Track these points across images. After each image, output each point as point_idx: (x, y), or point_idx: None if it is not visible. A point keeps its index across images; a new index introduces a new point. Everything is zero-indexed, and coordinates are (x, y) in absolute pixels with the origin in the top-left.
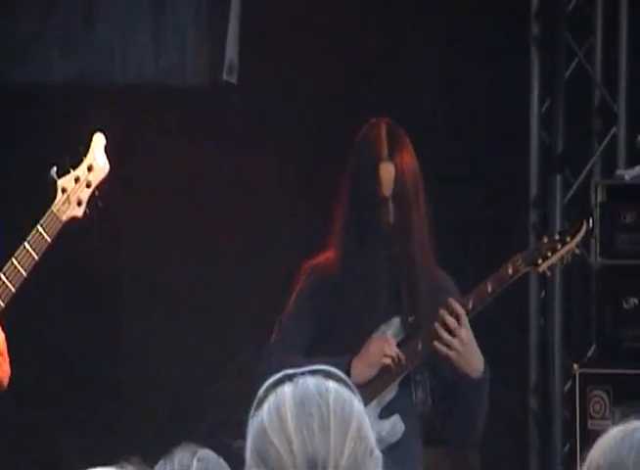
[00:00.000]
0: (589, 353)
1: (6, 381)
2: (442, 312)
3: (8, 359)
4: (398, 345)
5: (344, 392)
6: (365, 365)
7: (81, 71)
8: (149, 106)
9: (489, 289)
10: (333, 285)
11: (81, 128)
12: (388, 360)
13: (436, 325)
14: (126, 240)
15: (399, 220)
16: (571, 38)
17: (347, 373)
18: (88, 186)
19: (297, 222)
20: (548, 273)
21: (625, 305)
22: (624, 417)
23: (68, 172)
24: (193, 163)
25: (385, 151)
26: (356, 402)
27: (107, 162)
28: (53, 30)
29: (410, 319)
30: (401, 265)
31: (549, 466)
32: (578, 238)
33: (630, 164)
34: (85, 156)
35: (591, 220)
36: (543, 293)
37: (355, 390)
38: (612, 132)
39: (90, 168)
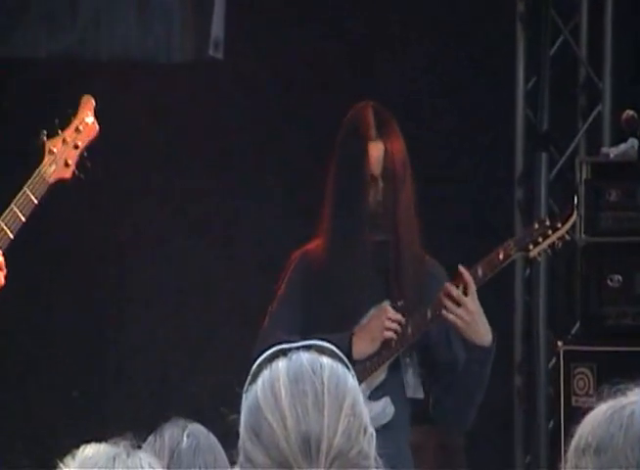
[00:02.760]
0: (573, 331)
1: None
2: (448, 286)
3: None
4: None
5: (339, 368)
6: (368, 340)
7: (67, 47)
8: (134, 82)
9: (480, 273)
10: (321, 271)
11: (65, 104)
12: (390, 333)
13: (441, 296)
14: (126, 215)
15: (388, 199)
16: (557, 16)
17: (350, 349)
18: (76, 147)
19: (281, 198)
20: (538, 258)
21: (610, 283)
22: (609, 394)
23: (56, 136)
24: (179, 138)
25: (373, 131)
26: (350, 379)
27: (95, 122)
28: (39, 7)
29: (399, 303)
30: (389, 249)
31: (533, 443)
32: (569, 224)
33: (615, 142)
34: (75, 117)
35: (576, 198)
36: (528, 271)
37: (350, 365)
38: (597, 110)
39: (77, 130)
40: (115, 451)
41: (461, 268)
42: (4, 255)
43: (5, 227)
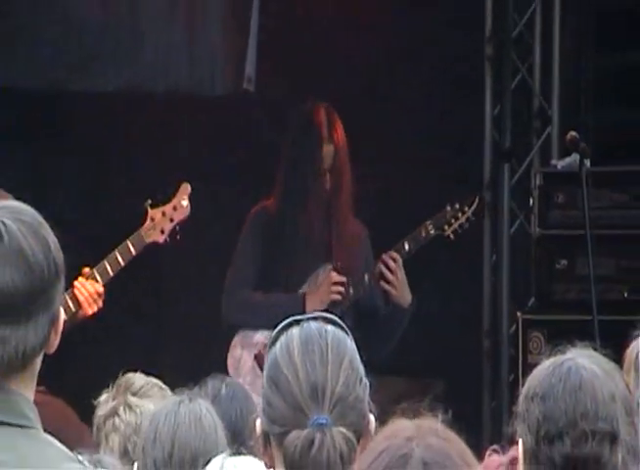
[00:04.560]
0: (529, 304)
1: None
2: (384, 257)
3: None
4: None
5: (340, 333)
6: (317, 301)
7: (130, 82)
8: (184, 111)
9: (407, 247)
10: (272, 226)
11: (130, 127)
12: (336, 295)
13: (380, 266)
14: None
15: (333, 187)
16: (516, 57)
17: (303, 307)
18: (171, 221)
19: None
20: (452, 236)
21: (557, 266)
22: (553, 353)
23: (158, 207)
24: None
25: (325, 134)
26: (349, 341)
27: (189, 206)
28: (108, 49)
29: (339, 265)
30: (330, 218)
31: (498, 391)
32: (473, 208)
33: (561, 156)
34: (174, 197)
35: (531, 199)
36: (494, 256)
37: (349, 331)
38: (547, 131)
39: (175, 208)
40: (180, 398)
41: (390, 252)
42: (104, 286)
43: (108, 267)
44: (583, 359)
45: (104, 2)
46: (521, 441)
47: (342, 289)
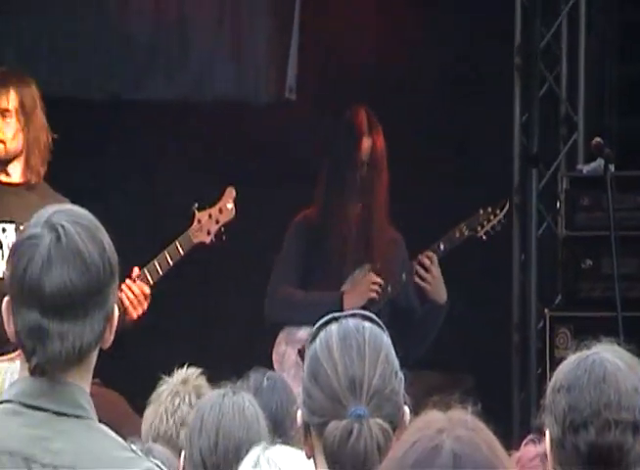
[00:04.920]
0: (556, 301)
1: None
2: (421, 256)
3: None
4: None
5: (376, 329)
6: (357, 298)
7: (179, 92)
8: (230, 119)
9: (442, 248)
10: (314, 232)
11: (179, 134)
12: (374, 294)
13: (415, 264)
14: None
15: (368, 182)
16: (544, 67)
17: (342, 305)
18: (217, 222)
19: None
20: (484, 237)
21: (583, 265)
22: (579, 348)
23: (204, 210)
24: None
25: (365, 128)
26: (385, 337)
27: (234, 208)
28: (159, 62)
29: (378, 266)
30: (368, 223)
31: (526, 384)
32: (504, 211)
33: (587, 161)
34: (219, 201)
35: (558, 202)
36: (523, 256)
37: (384, 327)
38: (573, 138)
39: (221, 211)
40: (225, 391)
41: (427, 252)
42: (153, 286)
43: (158, 266)
44: (607, 354)
45: (155, 20)
46: (548, 431)
47: (378, 288)
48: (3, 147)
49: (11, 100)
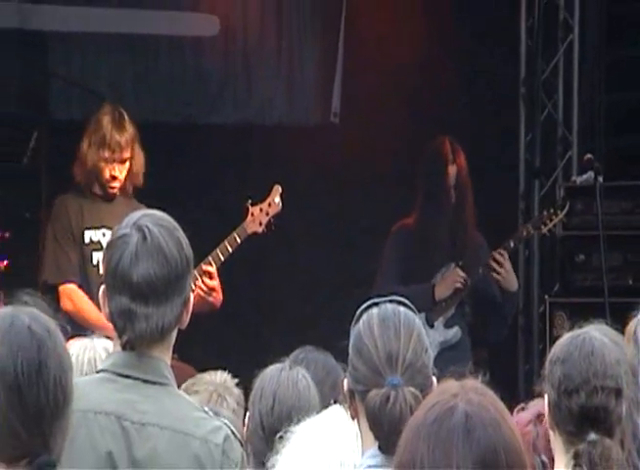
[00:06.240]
0: (555, 289)
1: (218, 304)
2: (494, 253)
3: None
4: None
5: (410, 313)
6: (444, 288)
7: (244, 116)
8: (284, 139)
9: (511, 244)
10: (412, 238)
11: (244, 153)
12: (459, 284)
13: (490, 262)
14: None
15: (457, 201)
16: (544, 96)
17: (433, 294)
18: (267, 215)
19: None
20: (547, 234)
21: (577, 260)
22: (572, 328)
23: (256, 204)
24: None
25: (450, 157)
26: (417, 320)
27: (280, 202)
28: (227, 91)
29: (460, 263)
30: (456, 229)
31: (530, 358)
32: (565, 212)
33: (580, 173)
34: (268, 196)
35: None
36: (527, 252)
37: (417, 312)
38: (568, 154)
39: (270, 205)
40: (282, 365)
41: (499, 250)
42: (218, 270)
43: (219, 253)
44: (595, 332)
45: (224, 55)
46: (546, 395)
47: (463, 281)
48: (119, 185)
49: (129, 150)
